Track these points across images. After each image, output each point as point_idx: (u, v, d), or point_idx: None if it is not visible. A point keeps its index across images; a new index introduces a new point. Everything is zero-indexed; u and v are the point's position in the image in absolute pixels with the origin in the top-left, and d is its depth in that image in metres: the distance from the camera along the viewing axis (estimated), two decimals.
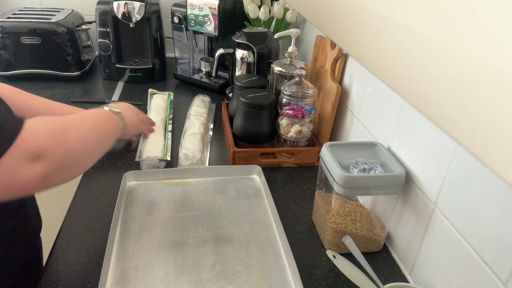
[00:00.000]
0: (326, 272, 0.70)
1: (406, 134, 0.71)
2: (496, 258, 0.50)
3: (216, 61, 1.23)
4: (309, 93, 0.95)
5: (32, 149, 0.50)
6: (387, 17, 0.30)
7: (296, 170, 0.98)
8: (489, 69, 0.20)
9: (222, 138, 1.10)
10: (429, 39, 0.25)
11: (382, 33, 0.31)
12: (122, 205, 0.81)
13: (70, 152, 0.56)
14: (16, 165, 0.48)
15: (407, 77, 0.28)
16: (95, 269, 0.68)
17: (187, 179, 0.90)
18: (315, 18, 0.50)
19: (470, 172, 0.54)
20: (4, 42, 1.30)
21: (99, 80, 1.46)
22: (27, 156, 0.49)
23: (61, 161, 0.54)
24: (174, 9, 1.35)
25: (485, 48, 0.20)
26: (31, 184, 0.50)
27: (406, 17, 0.28)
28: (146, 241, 0.72)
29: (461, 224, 0.56)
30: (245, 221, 0.79)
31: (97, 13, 1.35)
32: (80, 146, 0.59)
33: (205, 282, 0.65)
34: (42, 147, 0.51)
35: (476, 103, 0.21)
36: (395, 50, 0.29)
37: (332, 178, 0.67)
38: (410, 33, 0.27)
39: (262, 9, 1.28)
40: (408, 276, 0.70)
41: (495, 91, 0.20)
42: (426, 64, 0.25)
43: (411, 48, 0.27)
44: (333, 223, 0.72)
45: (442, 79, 0.24)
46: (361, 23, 0.35)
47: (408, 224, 0.70)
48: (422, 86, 0.26)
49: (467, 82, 0.22)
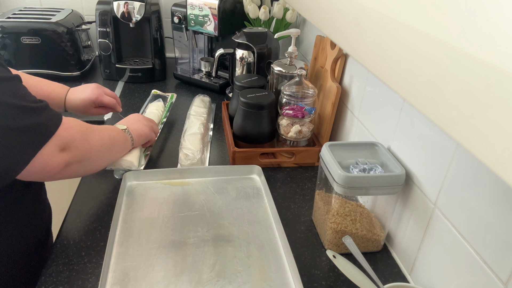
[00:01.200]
0: (326, 272, 0.70)
1: (406, 134, 0.71)
2: (496, 258, 0.50)
3: (216, 61, 1.23)
4: (309, 93, 0.95)
5: (65, 140, 0.60)
6: (387, 17, 0.30)
7: (296, 170, 0.98)
8: (489, 69, 0.20)
9: (222, 138, 1.10)
10: (429, 39, 0.25)
11: (382, 33, 0.31)
12: (122, 205, 0.81)
13: (90, 149, 0.67)
14: (52, 152, 0.58)
15: (407, 77, 0.28)
16: (95, 269, 0.68)
17: (187, 179, 0.90)
18: (315, 18, 0.50)
19: (470, 172, 0.54)
20: (4, 42, 1.30)
21: (99, 80, 1.46)
22: (59, 145, 0.59)
23: (82, 155, 0.65)
24: (174, 9, 1.35)
25: (485, 48, 0.20)
26: (56, 169, 0.59)
27: (406, 17, 0.28)
28: (146, 241, 0.72)
29: (461, 224, 0.56)
30: (245, 221, 0.79)
31: (97, 13, 1.35)
32: (98, 147, 0.70)
33: (205, 282, 0.65)
34: (72, 140, 0.62)
35: (476, 103, 0.21)
36: (395, 50, 0.29)
37: (332, 178, 0.67)
38: (410, 33, 0.27)
39: (262, 9, 1.28)
40: (408, 276, 0.70)
41: (495, 91, 0.20)
42: (426, 64, 0.25)
43: (411, 48, 0.27)
44: (333, 223, 0.72)
45: (442, 79, 0.24)
46: (361, 23, 0.35)
47: (408, 224, 0.70)
48: (422, 86, 0.26)
49: (467, 82, 0.22)
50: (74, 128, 0.64)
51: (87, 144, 0.67)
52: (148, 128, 0.92)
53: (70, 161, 0.62)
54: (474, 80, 0.21)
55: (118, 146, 0.81)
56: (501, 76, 0.19)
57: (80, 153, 0.65)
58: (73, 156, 0.63)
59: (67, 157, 0.61)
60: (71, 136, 0.62)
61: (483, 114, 0.21)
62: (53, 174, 0.60)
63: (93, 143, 0.69)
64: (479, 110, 0.21)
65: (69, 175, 0.65)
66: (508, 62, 0.19)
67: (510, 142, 0.19)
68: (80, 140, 0.65)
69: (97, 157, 0.72)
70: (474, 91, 0.21)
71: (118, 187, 0.85)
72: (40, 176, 0.60)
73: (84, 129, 0.67)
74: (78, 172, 0.68)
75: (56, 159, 0.59)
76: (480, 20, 0.21)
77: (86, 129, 0.68)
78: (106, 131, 0.76)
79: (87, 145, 0.67)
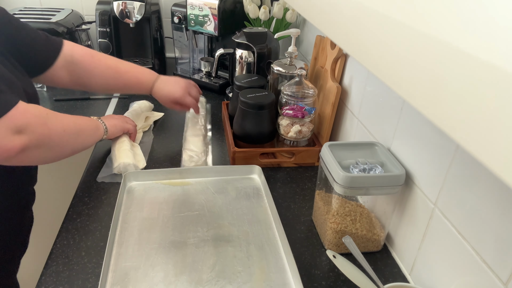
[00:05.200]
0: (326, 272, 0.70)
1: (406, 134, 0.71)
2: (496, 258, 0.50)
3: (216, 61, 1.23)
4: (309, 93, 0.95)
5: (18, 123, 0.61)
6: (387, 16, 0.30)
7: (296, 170, 0.98)
8: (489, 69, 0.20)
9: (222, 138, 1.10)
10: (430, 39, 0.25)
11: (382, 33, 0.31)
12: (122, 205, 0.81)
13: (48, 134, 0.68)
14: (3, 134, 0.59)
15: (407, 77, 0.28)
16: (95, 269, 0.68)
17: (187, 179, 0.90)
18: (315, 18, 0.50)
19: (470, 172, 0.54)
20: None
21: None
22: (12, 128, 0.60)
23: (39, 140, 0.65)
24: (174, 9, 1.35)
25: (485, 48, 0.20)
26: (11, 152, 0.60)
27: (406, 16, 0.28)
28: (146, 241, 0.72)
29: (461, 224, 0.56)
30: (245, 221, 0.79)
31: (97, 13, 1.35)
32: (60, 132, 0.71)
33: (205, 282, 0.65)
34: (26, 123, 0.62)
35: (476, 103, 0.21)
36: (395, 50, 0.29)
37: (332, 178, 0.67)
38: (411, 33, 0.27)
39: (262, 9, 1.28)
40: (408, 276, 0.70)
41: (495, 91, 0.20)
42: (426, 64, 0.25)
43: (411, 48, 0.27)
44: (333, 223, 0.72)
45: (442, 79, 0.24)
46: (361, 23, 0.35)
47: (408, 224, 0.70)
48: (422, 86, 0.26)
49: (467, 82, 0.22)
50: (30, 112, 0.64)
51: (45, 129, 0.67)
52: (119, 120, 0.96)
53: (27, 145, 0.63)
54: (474, 80, 0.21)
55: (87, 132, 0.82)
56: (501, 76, 0.19)
57: (37, 138, 0.65)
58: (30, 140, 0.63)
59: (23, 140, 0.62)
60: (26, 119, 0.62)
61: (483, 114, 0.21)
62: (8, 157, 0.61)
63: (53, 128, 0.69)
64: (479, 110, 0.21)
65: (30, 160, 0.67)
66: (508, 62, 0.19)
67: (509, 142, 0.19)
68: (37, 124, 0.65)
69: (59, 143, 0.72)
70: (474, 91, 0.21)
71: (118, 187, 0.85)
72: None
73: (44, 114, 0.68)
74: (39, 157, 0.69)
75: (8, 141, 0.60)
76: (480, 20, 0.21)
77: (46, 114, 0.68)
78: (71, 118, 0.77)
79: (45, 130, 0.67)
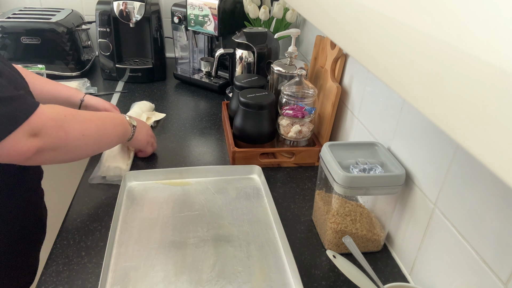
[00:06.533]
0: (326, 272, 0.70)
1: (406, 134, 0.71)
2: (496, 258, 0.50)
3: (216, 61, 1.23)
4: (309, 93, 0.95)
5: (33, 125, 0.61)
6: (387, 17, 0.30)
7: (296, 170, 0.98)
8: (489, 69, 0.20)
9: (222, 138, 1.10)
10: (429, 38, 0.25)
11: (382, 33, 0.31)
12: (122, 205, 0.81)
13: (64, 138, 0.66)
14: (18, 138, 0.59)
15: (407, 77, 0.28)
16: (95, 269, 0.68)
17: (187, 179, 0.90)
18: (315, 18, 0.50)
19: (470, 172, 0.54)
20: (4, 42, 1.30)
21: (99, 80, 1.46)
22: (28, 130, 0.60)
23: (54, 143, 0.65)
24: (174, 9, 1.35)
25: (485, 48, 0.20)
26: (26, 154, 0.61)
27: (406, 16, 0.28)
28: (146, 241, 0.72)
29: (461, 224, 0.56)
30: (245, 221, 0.79)
31: (97, 13, 1.35)
32: (77, 136, 0.69)
33: (205, 282, 0.65)
34: (42, 126, 0.62)
35: (476, 103, 0.21)
36: (395, 50, 0.29)
37: (332, 178, 0.67)
38: (411, 33, 0.27)
39: (262, 9, 1.28)
40: (408, 276, 0.70)
41: (495, 91, 0.20)
42: (426, 64, 0.25)
43: (411, 48, 0.27)
44: (333, 223, 0.72)
45: (442, 79, 0.24)
46: (361, 23, 0.35)
47: (408, 224, 0.70)
48: (422, 86, 0.26)
49: (467, 82, 0.22)
50: (47, 115, 0.63)
51: (61, 132, 0.65)
52: (148, 138, 0.94)
53: (41, 147, 0.62)
54: (474, 80, 0.21)
55: (111, 137, 0.79)
56: (501, 76, 0.19)
57: (52, 141, 0.64)
58: (44, 142, 0.62)
59: (37, 143, 0.61)
60: (42, 122, 0.62)
61: (483, 114, 0.21)
62: (23, 159, 0.61)
63: (70, 132, 0.67)
64: (479, 110, 0.21)
65: (44, 161, 0.66)
66: (508, 62, 0.19)
67: (509, 142, 0.19)
68: (53, 127, 0.64)
69: (77, 146, 0.70)
70: (474, 91, 0.21)
71: (118, 187, 0.85)
72: (10, 159, 0.61)
73: (62, 117, 0.66)
74: (55, 159, 0.67)
75: (23, 144, 0.60)
76: (480, 20, 0.21)
77: (65, 116, 0.67)
78: (96, 121, 0.74)
79: (61, 133, 0.65)
